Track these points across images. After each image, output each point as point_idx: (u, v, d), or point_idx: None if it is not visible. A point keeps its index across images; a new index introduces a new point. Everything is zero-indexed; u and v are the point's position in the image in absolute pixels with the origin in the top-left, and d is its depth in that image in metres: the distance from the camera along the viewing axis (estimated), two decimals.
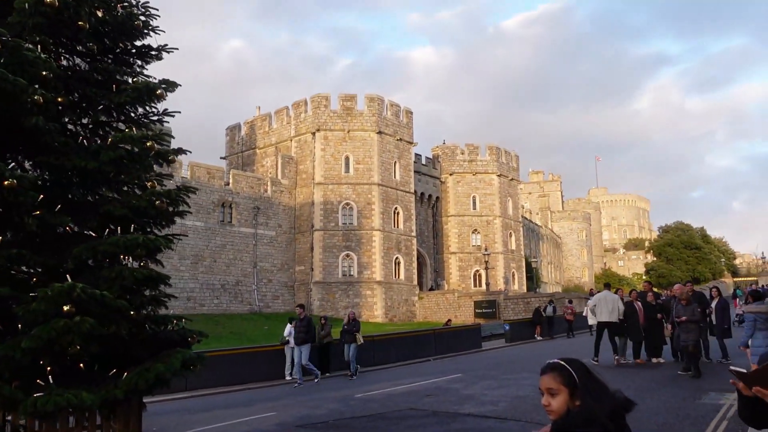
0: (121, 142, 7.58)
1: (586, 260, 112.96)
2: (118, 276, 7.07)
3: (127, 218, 7.69)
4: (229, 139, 60.15)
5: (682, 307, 14.15)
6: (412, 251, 55.29)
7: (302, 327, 17.43)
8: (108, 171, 7.62)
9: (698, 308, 14.04)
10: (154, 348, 7.82)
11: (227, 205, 48.01)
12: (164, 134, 8.08)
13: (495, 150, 66.30)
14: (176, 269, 43.89)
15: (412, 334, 24.93)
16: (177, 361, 7.06)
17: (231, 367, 18.58)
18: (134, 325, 7.47)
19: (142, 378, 6.69)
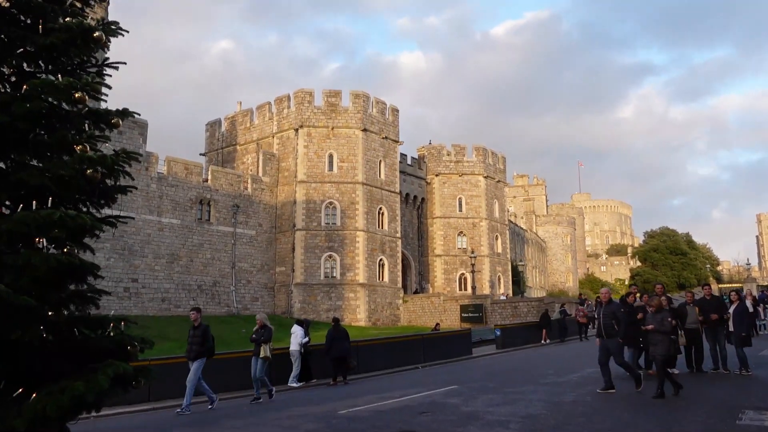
0: (41, 92, 5.81)
1: (571, 265, 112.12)
2: (27, 264, 5.30)
3: (48, 191, 5.93)
4: (208, 135, 58.13)
5: (651, 315, 12.58)
6: (396, 253, 53.64)
7: (197, 337, 13.92)
8: (23, 129, 5.86)
9: (669, 317, 12.44)
10: (83, 359, 6.04)
11: (205, 202, 46.01)
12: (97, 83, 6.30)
13: (482, 151, 64.92)
14: (151, 268, 41.93)
15: (399, 340, 23.27)
16: (105, 378, 5.32)
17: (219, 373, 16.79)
18: (54, 329, 5.70)
19: (53, 402, 4.94)
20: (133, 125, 42.12)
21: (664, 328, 12.21)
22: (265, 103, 53.76)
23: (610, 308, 12.77)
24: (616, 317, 12.66)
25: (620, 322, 12.61)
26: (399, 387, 14.78)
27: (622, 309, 12.84)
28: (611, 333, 12.57)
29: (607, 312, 12.71)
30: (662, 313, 12.47)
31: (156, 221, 42.74)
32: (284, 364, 18.28)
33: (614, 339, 12.55)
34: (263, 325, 15.68)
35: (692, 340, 15.32)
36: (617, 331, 12.55)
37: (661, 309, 12.61)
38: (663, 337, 12.14)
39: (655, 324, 12.33)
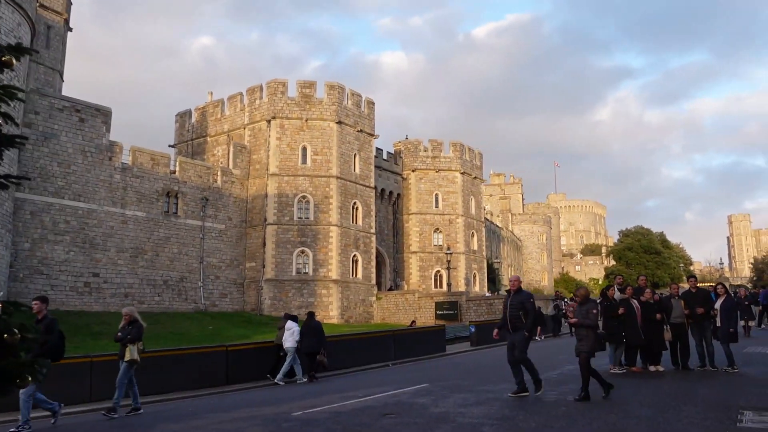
0: None
1: (546, 264, 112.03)
2: None
3: None
4: (178, 126, 56.35)
5: (577, 307, 11.43)
6: (371, 249, 52.48)
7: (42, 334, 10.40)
8: None
9: (594, 309, 11.24)
10: None
11: (173, 194, 44.36)
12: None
13: (459, 147, 64.01)
14: (113, 263, 40.25)
15: (368, 336, 22.16)
16: None
17: (155, 373, 15.51)
18: None
19: None
20: (96, 113, 40.45)
21: (589, 321, 11.01)
22: (237, 93, 52.21)
23: (518, 298, 11.47)
24: (524, 308, 11.31)
25: (528, 314, 11.27)
26: (365, 385, 13.65)
27: (531, 299, 11.52)
28: (518, 326, 11.33)
29: (514, 302, 11.44)
30: (588, 304, 11.24)
31: (119, 213, 41.03)
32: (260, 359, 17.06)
33: (521, 332, 11.29)
34: (131, 321, 13.10)
35: (678, 336, 14.44)
36: (524, 324, 11.28)
37: (586, 300, 11.36)
38: (588, 331, 10.93)
39: (579, 317, 11.14)
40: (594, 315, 11.12)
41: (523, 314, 11.27)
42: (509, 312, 11.42)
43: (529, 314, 11.31)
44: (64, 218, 38.23)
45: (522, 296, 11.51)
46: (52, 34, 40.75)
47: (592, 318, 11.03)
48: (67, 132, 38.83)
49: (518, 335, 11.34)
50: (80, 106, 39.87)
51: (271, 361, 18.50)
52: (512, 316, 11.36)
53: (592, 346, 10.93)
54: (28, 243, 36.79)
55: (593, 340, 10.94)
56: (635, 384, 12.52)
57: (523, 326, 11.28)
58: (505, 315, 11.52)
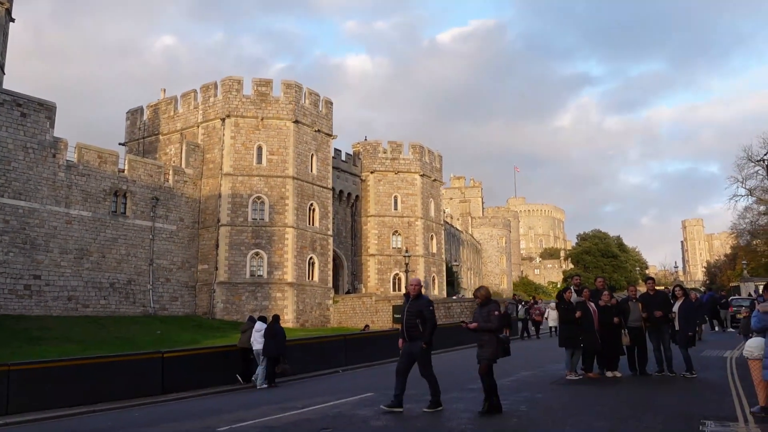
0: None
1: (506, 267, 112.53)
2: None
3: None
4: (129, 123, 54.40)
5: (477, 309, 10.15)
6: (327, 251, 51.45)
7: None
8: None
9: (496, 311, 9.89)
10: None
11: (121, 194, 42.63)
12: None
13: (418, 149, 63.48)
14: (56, 264, 38.38)
15: (319, 341, 21.21)
16: None
17: (83, 382, 14.32)
18: None
19: None
20: (39, 107, 38.60)
21: (491, 325, 9.77)
22: (191, 90, 50.63)
23: (417, 305, 10.24)
24: (422, 316, 10.08)
25: (426, 322, 10.05)
26: (308, 395, 12.75)
27: (431, 306, 10.30)
28: (414, 335, 10.15)
29: (412, 309, 10.24)
30: (489, 306, 9.93)
31: (63, 213, 39.17)
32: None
33: (418, 343, 10.12)
34: None
35: (635, 340, 13.92)
36: (422, 334, 10.08)
37: (488, 301, 10.06)
38: (490, 336, 9.76)
39: (479, 320, 9.91)
40: (496, 318, 9.82)
41: (420, 323, 10.06)
42: (406, 319, 10.27)
43: (428, 323, 10.10)
44: (2, 217, 36.27)
45: (421, 303, 10.29)
46: None
47: (494, 321, 9.81)
48: (7, 127, 36.89)
49: (415, 346, 10.13)
50: (22, 100, 37.96)
51: (215, 366, 17.56)
52: (409, 325, 10.20)
53: (494, 353, 9.78)
54: None
55: (495, 346, 9.74)
56: (592, 391, 11.91)
57: (419, 336, 10.08)
58: (402, 322, 10.40)
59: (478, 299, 10.10)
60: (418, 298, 10.34)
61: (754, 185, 57.63)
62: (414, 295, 10.37)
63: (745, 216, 67.18)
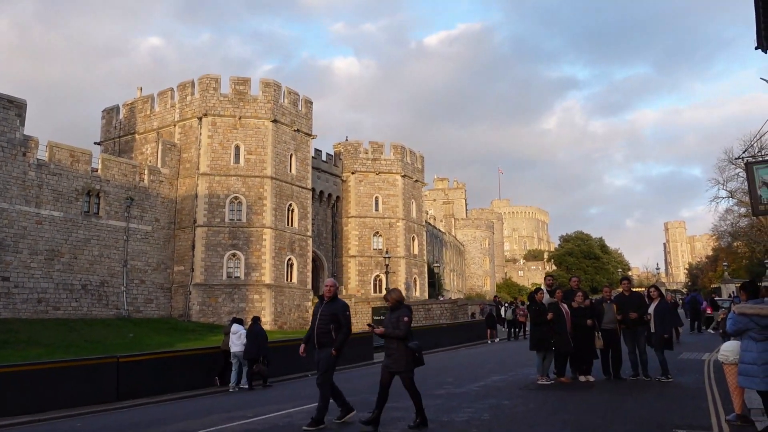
0: None
1: (489, 269, 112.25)
2: None
3: None
4: (105, 122, 53.34)
5: (388, 313, 9.18)
6: (306, 252, 50.72)
7: None
8: None
9: (406, 317, 8.76)
10: None
11: (94, 193, 41.66)
12: None
13: (400, 149, 62.97)
14: (25, 266, 37.35)
15: (287, 344, 20.55)
16: None
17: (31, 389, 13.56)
18: None
19: None
20: (9, 105, 37.57)
21: (399, 332, 8.65)
22: (168, 89, 49.72)
23: (331, 308, 9.27)
24: (337, 321, 9.15)
25: (341, 328, 9.14)
26: (264, 401, 12.12)
27: (347, 311, 9.38)
28: (325, 342, 9.13)
29: (326, 313, 9.25)
30: (400, 310, 8.84)
31: (34, 213, 38.16)
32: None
33: (327, 350, 9.10)
34: None
35: (609, 343, 13.41)
36: (333, 340, 9.10)
37: (399, 305, 8.95)
38: (398, 344, 8.66)
39: (388, 326, 8.88)
40: (405, 324, 8.65)
41: (334, 329, 9.10)
42: (318, 324, 9.24)
43: (342, 329, 9.15)
44: None
45: (336, 306, 9.30)
46: None
47: (402, 328, 8.67)
48: None
49: (324, 353, 9.10)
50: None
51: (179, 371, 16.93)
52: (320, 330, 9.18)
53: (407, 364, 8.69)
54: None
55: (405, 355, 8.61)
56: (561, 397, 11.37)
57: (331, 343, 9.10)
58: (313, 327, 9.38)
59: (389, 302, 9.11)
60: (333, 301, 9.41)
61: (734, 187, 57.63)
62: (328, 298, 9.41)
63: (726, 218, 67.43)
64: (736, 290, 42.61)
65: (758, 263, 66.18)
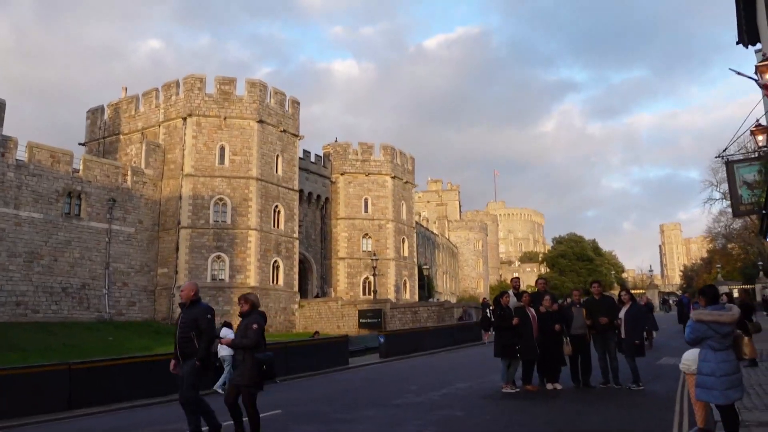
0: None
1: (482, 271, 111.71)
2: None
3: None
4: (89, 123, 52.68)
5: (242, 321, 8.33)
6: (293, 254, 50.09)
7: None
8: None
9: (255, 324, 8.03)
10: None
11: (75, 195, 41.00)
12: None
13: (390, 150, 62.40)
14: (3, 268, 36.68)
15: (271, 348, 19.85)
16: None
17: None
18: None
19: None
20: None
21: (246, 341, 7.85)
22: (152, 89, 49.09)
23: (192, 313, 8.26)
24: (198, 327, 8.14)
25: (202, 335, 8.10)
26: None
27: (209, 315, 8.33)
28: (187, 352, 8.14)
29: (186, 319, 8.27)
30: (251, 316, 8.10)
31: (12, 215, 37.49)
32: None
33: (191, 361, 8.09)
34: None
35: (578, 349, 12.84)
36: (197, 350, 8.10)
37: (250, 311, 8.18)
38: (245, 355, 7.86)
39: (238, 334, 8.13)
40: (254, 332, 7.75)
41: (195, 336, 8.09)
42: (179, 333, 8.26)
43: (203, 335, 8.13)
44: None
45: (197, 311, 8.28)
46: None
47: (251, 336, 7.82)
48: None
49: (188, 365, 8.05)
50: None
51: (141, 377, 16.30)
52: (181, 339, 8.19)
53: (251, 378, 7.80)
54: None
55: (250, 367, 7.73)
56: (521, 407, 10.79)
57: (195, 352, 8.07)
58: (176, 338, 8.36)
59: (241, 307, 8.34)
60: (194, 305, 8.42)
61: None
62: (189, 303, 8.42)
63: (719, 220, 67.00)
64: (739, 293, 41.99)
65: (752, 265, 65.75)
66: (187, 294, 8.42)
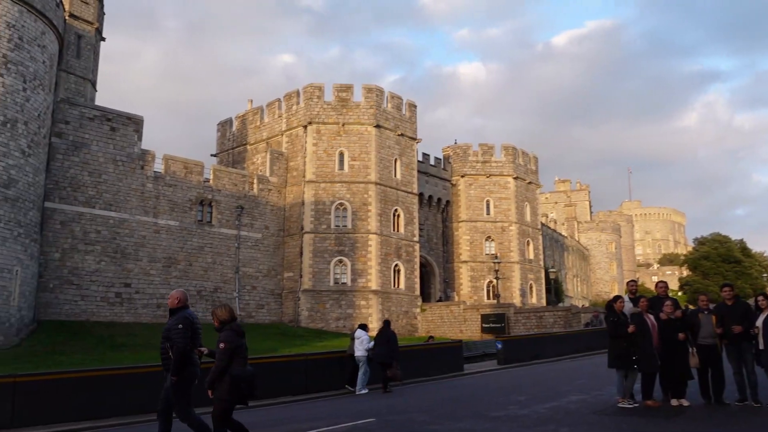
0: None
1: (616, 274, 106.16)
2: None
3: None
4: (220, 135, 55.74)
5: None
6: (414, 258, 49.94)
7: None
8: None
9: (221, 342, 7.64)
10: None
11: (207, 203, 43.38)
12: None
13: (511, 150, 60.77)
14: (145, 273, 39.44)
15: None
16: None
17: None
18: None
19: None
20: (128, 122, 39.96)
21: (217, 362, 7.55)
22: (275, 100, 51.06)
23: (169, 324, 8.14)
24: (169, 339, 7.93)
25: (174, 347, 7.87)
26: (309, 417, 11.33)
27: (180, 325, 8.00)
28: (167, 366, 8.06)
29: (164, 331, 8.17)
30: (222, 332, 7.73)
31: (152, 223, 40.26)
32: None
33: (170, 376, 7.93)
34: None
35: (708, 361, 11.38)
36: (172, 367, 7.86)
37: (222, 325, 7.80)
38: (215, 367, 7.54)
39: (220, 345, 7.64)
40: (220, 351, 7.41)
41: (170, 348, 7.87)
42: (162, 344, 8.18)
43: (174, 348, 7.88)
44: (95, 228, 37.73)
45: (171, 322, 8.13)
46: (83, 44, 40.59)
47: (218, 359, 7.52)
48: (98, 141, 38.42)
49: (168, 380, 7.87)
50: (111, 114, 39.46)
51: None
52: (162, 352, 8.13)
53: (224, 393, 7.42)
54: (58, 253, 36.39)
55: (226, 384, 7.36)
56: (644, 427, 9.66)
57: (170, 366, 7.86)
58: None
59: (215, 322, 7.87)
60: (179, 310, 8.21)
61: None
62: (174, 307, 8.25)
63: None
64: None
65: None
66: (171, 302, 8.28)
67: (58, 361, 27.18)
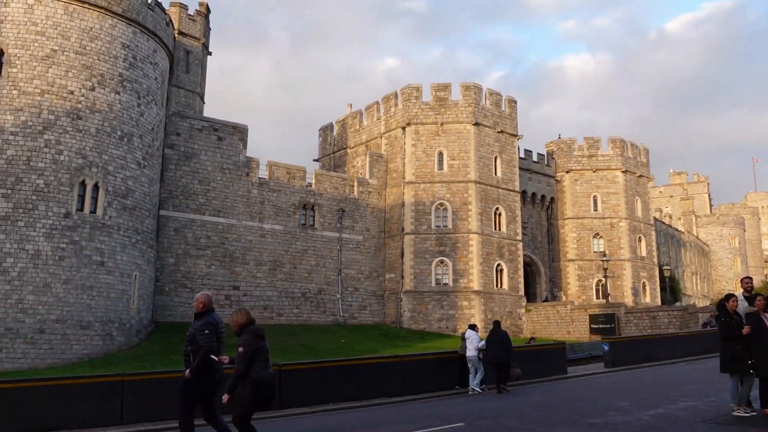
0: None
1: (740, 271, 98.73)
2: None
3: None
4: (321, 140, 56.97)
5: None
6: (517, 257, 48.74)
7: None
8: None
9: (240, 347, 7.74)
10: None
11: (309, 207, 44.43)
12: None
13: (619, 143, 58.04)
14: (252, 275, 40.92)
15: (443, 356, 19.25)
16: None
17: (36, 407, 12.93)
18: None
19: None
20: (233, 131, 41.66)
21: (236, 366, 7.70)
22: (374, 103, 51.54)
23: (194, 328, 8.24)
24: (194, 341, 8.03)
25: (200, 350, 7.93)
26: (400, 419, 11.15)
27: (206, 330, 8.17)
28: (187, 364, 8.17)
29: (189, 334, 8.24)
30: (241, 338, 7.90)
31: (258, 227, 41.73)
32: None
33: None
34: None
35: None
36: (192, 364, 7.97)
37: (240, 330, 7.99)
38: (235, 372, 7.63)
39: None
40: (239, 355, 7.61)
41: (193, 351, 8.03)
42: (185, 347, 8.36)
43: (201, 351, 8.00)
44: (205, 233, 39.58)
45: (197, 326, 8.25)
46: (191, 59, 42.78)
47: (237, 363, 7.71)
48: (206, 150, 40.31)
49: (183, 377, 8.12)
50: (218, 125, 41.30)
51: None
52: (185, 353, 8.29)
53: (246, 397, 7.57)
54: (172, 258, 38.48)
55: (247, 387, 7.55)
56: None
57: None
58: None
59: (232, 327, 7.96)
60: (202, 316, 8.30)
61: None
62: (199, 311, 8.33)
63: None
64: None
65: None
66: (196, 306, 8.40)
67: (173, 360, 28.64)
